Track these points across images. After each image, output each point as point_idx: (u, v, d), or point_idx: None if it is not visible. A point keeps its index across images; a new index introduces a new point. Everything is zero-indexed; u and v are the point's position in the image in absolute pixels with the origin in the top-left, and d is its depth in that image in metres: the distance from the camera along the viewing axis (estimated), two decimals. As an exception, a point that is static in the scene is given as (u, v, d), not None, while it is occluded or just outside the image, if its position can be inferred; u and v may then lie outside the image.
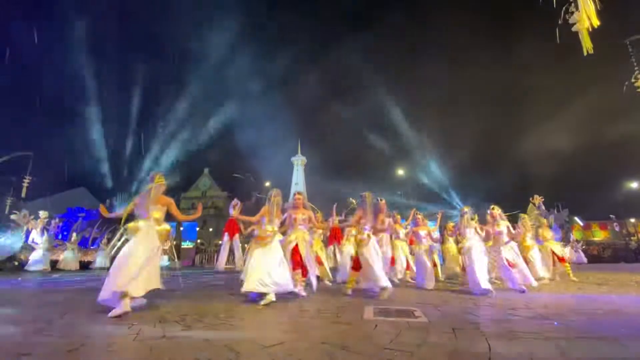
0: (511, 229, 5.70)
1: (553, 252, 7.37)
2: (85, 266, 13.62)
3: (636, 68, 8.31)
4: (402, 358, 1.78)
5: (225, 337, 2.29)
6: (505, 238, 5.51)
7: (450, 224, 7.86)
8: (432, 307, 3.61)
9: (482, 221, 5.78)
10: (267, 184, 28.45)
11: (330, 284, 6.19)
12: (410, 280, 6.82)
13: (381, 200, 5.55)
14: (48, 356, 1.84)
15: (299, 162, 23.27)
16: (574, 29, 6.03)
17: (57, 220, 14.56)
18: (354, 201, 7.35)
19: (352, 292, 4.66)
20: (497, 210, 5.71)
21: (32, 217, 11.74)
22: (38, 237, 11.78)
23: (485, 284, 4.63)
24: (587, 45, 6.10)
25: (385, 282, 4.27)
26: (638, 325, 2.63)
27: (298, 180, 23.06)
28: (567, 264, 7.45)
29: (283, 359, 1.78)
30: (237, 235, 8.75)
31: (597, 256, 19.55)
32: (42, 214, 11.67)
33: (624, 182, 30.64)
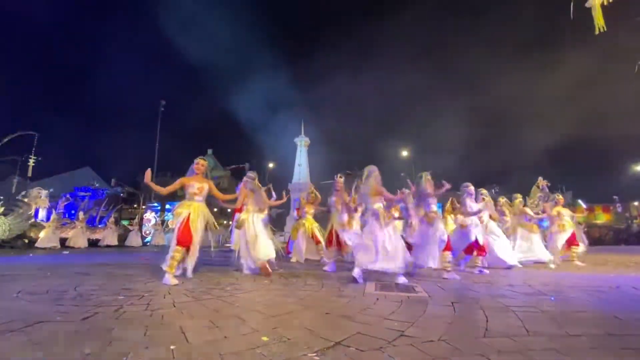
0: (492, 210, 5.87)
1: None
2: (93, 244, 13.96)
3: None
4: (402, 327, 1.86)
5: (233, 307, 2.39)
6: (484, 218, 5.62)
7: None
8: (432, 283, 3.71)
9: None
10: (271, 165, 28.45)
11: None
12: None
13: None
14: (63, 323, 1.93)
15: (302, 142, 23.13)
16: (587, 4, 5.82)
17: (65, 199, 14.81)
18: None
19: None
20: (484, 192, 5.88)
21: (40, 196, 11.92)
22: (44, 216, 12.04)
23: (511, 260, 5.00)
24: (599, 22, 5.90)
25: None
26: (633, 301, 2.70)
27: (301, 161, 23.02)
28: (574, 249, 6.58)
29: (288, 327, 1.86)
30: None
31: (598, 239, 19.66)
32: (43, 192, 11.78)
33: (629, 165, 30.38)
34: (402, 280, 3.64)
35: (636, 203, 29.01)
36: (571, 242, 6.66)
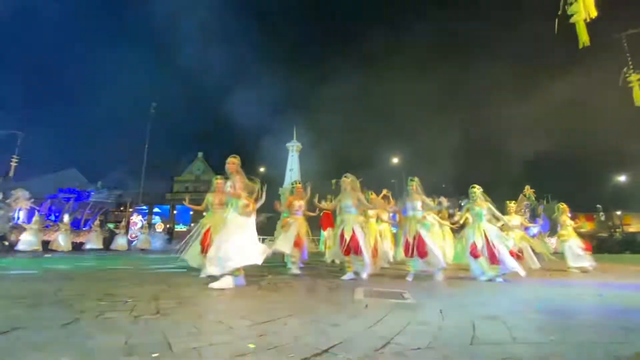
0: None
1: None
2: (77, 247, 13.61)
3: (630, 62, 8.37)
4: (390, 334, 1.85)
5: (218, 313, 2.35)
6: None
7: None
8: (421, 289, 3.72)
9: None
10: (262, 169, 28.34)
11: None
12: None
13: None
14: (42, 330, 1.86)
15: (294, 148, 23.16)
16: (571, 20, 6.03)
17: (49, 201, 14.45)
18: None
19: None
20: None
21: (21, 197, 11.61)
22: (25, 218, 11.70)
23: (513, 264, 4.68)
24: (583, 38, 6.12)
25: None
26: (616, 309, 2.75)
27: (293, 166, 23.00)
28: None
29: (275, 334, 1.83)
30: None
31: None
32: (26, 194, 11.47)
33: (612, 175, 31.34)
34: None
35: (618, 212, 29.87)
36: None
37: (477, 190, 5.21)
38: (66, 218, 13.06)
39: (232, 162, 4.04)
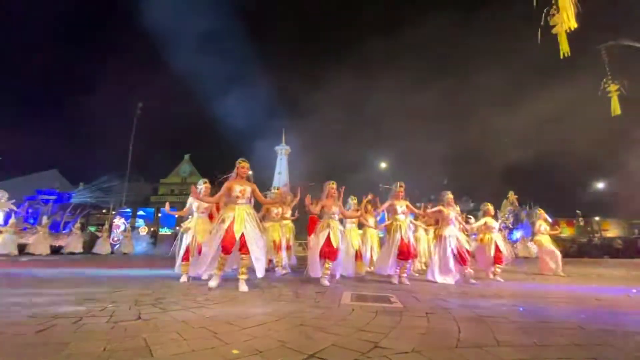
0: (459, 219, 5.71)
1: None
2: (56, 250, 13.13)
3: (609, 73, 8.70)
4: (376, 338, 1.84)
5: (202, 319, 2.29)
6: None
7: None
8: (407, 294, 3.73)
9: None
10: (250, 172, 28.12)
11: (284, 272, 5.75)
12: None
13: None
14: (16, 336, 1.78)
15: (282, 151, 23.11)
16: (553, 31, 6.24)
17: (27, 203, 13.94)
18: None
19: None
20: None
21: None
22: (1, 220, 11.25)
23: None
24: (564, 48, 6.35)
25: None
26: (596, 312, 2.82)
27: (282, 170, 22.92)
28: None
29: (261, 339, 1.80)
30: None
31: (562, 251, 20.62)
32: (4, 195, 11.06)
33: (591, 182, 32.47)
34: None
35: (597, 218, 30.87)
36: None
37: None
38: (44, 220, 12.60)
39: (247, 167, 4.16)
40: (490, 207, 6.44)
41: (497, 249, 5.88)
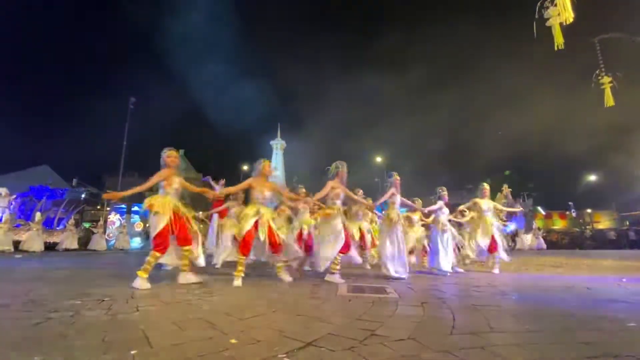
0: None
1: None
2: (50, 247, 13.02)
3: (602, 66, 8.75)
4: (372, 327, 1.87)
5: (200, 310, 2.30)
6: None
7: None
8: (403, 285, 3.78)
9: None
10: (245, 167, 28.05)
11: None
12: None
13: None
14: (9, 330, 1.78)
15: (278, 145, 23.06)
16: (548, 23, 6.25)
17: (19, 200, 13.77)
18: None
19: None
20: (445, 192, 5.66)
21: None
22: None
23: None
24: (558, 40, 6.36)
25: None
26: (587, 299, 2.88)
27: (277, 164, 22.92)
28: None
29: (258, 329, 1.82)
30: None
31: (555, 243, 20.97)
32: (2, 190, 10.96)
33: (583, 175, 32.90)
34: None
35: (589, 210, 31.32)
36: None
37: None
38: (38, 217, 12.46)
39: (269, 165, 4.24)
40: (487, 187, 6.01)
41: (493, 238, 5.84)
